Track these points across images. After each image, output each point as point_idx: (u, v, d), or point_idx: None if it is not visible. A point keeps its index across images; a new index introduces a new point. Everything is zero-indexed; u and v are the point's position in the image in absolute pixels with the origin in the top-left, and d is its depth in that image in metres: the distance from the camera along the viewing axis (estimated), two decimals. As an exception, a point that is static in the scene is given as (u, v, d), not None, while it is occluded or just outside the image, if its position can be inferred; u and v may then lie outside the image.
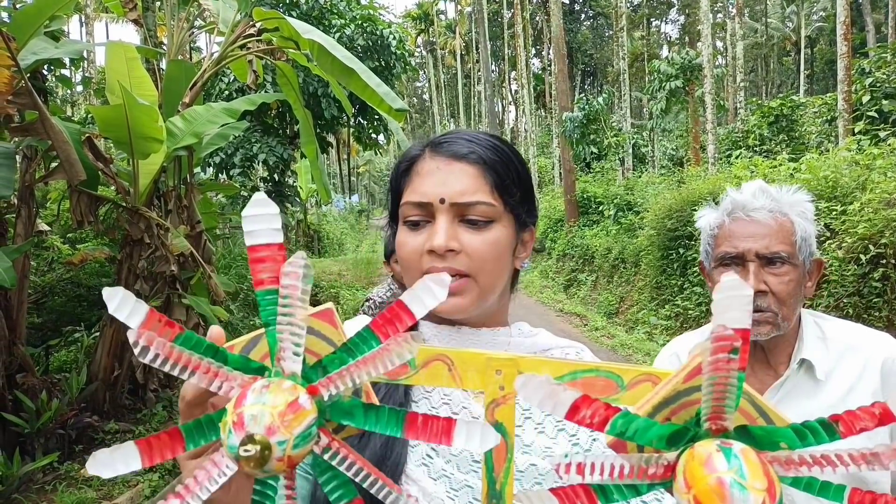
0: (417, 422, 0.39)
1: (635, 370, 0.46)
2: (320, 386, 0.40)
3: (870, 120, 9.11)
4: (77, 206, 4.31)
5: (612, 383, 0.46)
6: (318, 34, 4.55)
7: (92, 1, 20.03)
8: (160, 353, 0.39)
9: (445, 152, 0.77)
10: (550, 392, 0.37)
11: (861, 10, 26.75)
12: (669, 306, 8.38)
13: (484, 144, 0.78)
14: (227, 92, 10.04)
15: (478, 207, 0.74)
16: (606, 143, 15.85)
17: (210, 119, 4.86)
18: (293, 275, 0.38)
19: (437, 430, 0.38)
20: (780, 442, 0.38)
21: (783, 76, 39.85)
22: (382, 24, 10.84)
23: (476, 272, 0.74)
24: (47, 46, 4.21)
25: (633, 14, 37.16)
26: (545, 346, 0.83)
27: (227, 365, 0.41)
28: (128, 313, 0.38)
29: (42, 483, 3.80)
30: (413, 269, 0.76)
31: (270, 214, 0.39)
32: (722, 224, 1.24)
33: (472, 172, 0.76)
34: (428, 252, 0.73)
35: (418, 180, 0.77)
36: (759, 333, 1.15)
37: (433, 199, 0.74)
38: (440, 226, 0.73)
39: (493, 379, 0.46)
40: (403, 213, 0.77)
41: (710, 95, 11.83)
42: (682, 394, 0.41)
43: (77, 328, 5.45)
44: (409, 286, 0.76)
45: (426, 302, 0.38)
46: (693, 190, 8.70)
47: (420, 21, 43.61)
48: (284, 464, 0.37)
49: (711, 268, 1.25)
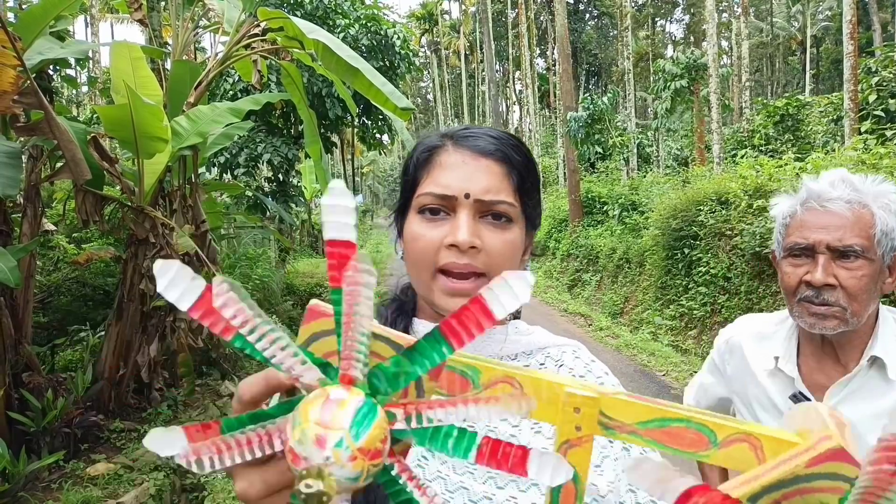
0: (488, 447, 0.36)
1: (731, 427, 0.40)
2: (399, 408, 0.37)
3: (876, 119, 9.06)
4: (82, 206, 4.32)
5: (704, 438, 0.40)
6: (322, 34, 4.55)
7: (97, 1, 20.10)
8: (213, 456, 0.37)
9: (471, 146, 0.75)
10: (663, 477, 0.33)
11: (867, 9, 26.62)
12: (674, 306, 8.35)
13: (508, 143, 0.77)
14: (231, 92, 10.06)
15: (501, 206, 0.73)
16: (611, 143, 15.81)
17: (215, 119, 4.87)
18: (353, 279, 0.36)
19: (510, 459, 0.35)
20: None
21: (789, 75, 39.70)
22: (387, 24, 10.85)
23: (492, 271, 0.72)
24: (53, 46, 4.22)
25: (638, 13, 37.09)
26: (542, 345, 0.81)
27: (273, 419, 0.39)
28: (180, 293, 0.35)
29: (48, 481, 3.81)
30: (425, 263, 0.73)
31: (344, 206, 0.36)
32: (795, 213, 1.19)
33: (498, 171, 0.74)
34: (447, 247, 0.71)
35: (441, 172, 0.75)
36: (824, 327, 1.11)
37: (458, 193, 0.72)
38: (463, 221, 0.71)
39: (570, 416, 0.41)
40: (421, 203, 0.74)
41: (716, 95, 11.79)
42: (800, 479, 0.36)
43: (83, 327, 5.47)
44: (415, 281, 0.76)
45: (506, 302, 0.33)
46: (698, 190, 8.68)
47: (424, 21, 43.63)
48: (347, 493, 0.35)
49: (781, 258, 1.22)
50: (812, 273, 1.12)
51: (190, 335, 4.91)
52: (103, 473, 3.89)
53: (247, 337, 0.36)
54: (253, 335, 0.36)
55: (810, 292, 1.13)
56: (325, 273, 3.97)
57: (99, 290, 6.15)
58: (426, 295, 0.75)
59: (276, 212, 10.08)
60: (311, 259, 17.21)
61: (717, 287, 7.61)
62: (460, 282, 0.71)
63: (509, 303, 0.33)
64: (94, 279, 6.20)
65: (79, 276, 6.11)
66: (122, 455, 4.20)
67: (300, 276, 12.73)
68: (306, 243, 19.37)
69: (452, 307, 0.70)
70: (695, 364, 6.74)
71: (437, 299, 0.72)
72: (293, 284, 11.31)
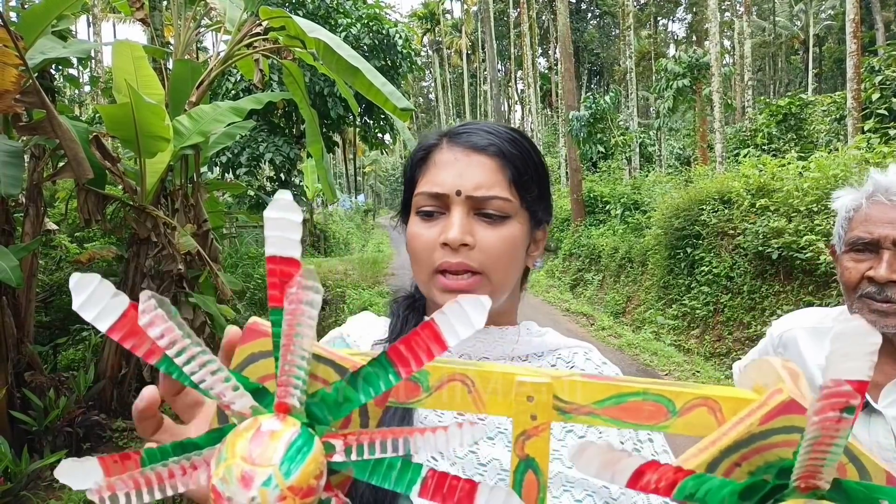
0: (433, 481, 0.33)
1: (689, 393, 0.39)
2: (339, 439, 0.34)
3: (879, 118, 9.04)
4: (84, 205, 4.33)
5: (662, 408, 0.39)
6: (323, 33, 4.55)
7: (99, 1, 20.13)
8: (130, 491, 0.33)
9: (464, 143, 0.75)
10: (609, 460, 0.31)
11: (870, 8, 26.55)
12: (677, 306, 8.34)
13: (503, 137, 0.75)
14: (233, 91, 10.07)
15: (494, 202, 0.72)
16: (613, 143, 15.79)
17: (216, 118, 4.86)
18: (295, 297, 0.33)
19: (456, 493, 0.33)
20: (879, 499, 0.33)
21: (791, 75, 39.62)
22: (388, 24, 10.84)
23: (489, 269, 0.71)
24: (55, 46, 4.22)
25: (640, 13, 37.04)
26: (553, 346, 0.81)
27: (200, 449, 0.35)
28: (98, 311, 0.32)
29: (50, 480, 3.81)
30: (424, 262, 0.73)
31: (289, 221, 0.33)
32: (859, 206, 1.14)
33: (490, 165, 0.73)
34: (441, 245, 0.71)
35: (434, 170, 0.75)
36: (886, 325, 1.08)
37: (449, 191, 0.72)
38: (455, 219, 0.71)
39: (524, 406, 0.39)
40: (417, 203, 0.75)
41: (718, 94, 11.77)
42: (756, 437, 0.35)
43: (85, 327, 5.47)
44: (417, 279, 0.76)
45: (459, 330, 0.31)
46: (700, 189, 8.67)
47: (426, 20, 43.61)
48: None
49: (842, 252, 1.17)
50: (876, 269, 1.09)
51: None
52: (105, 472, 3.90)
53: (174, 359, 0.33)
54: (181, 357, 0.33)
55: (872, 288, 1.09)
56: (327, 272, 3.97)
57: (101, 290, 6.16)
58: (427, 293, 0.75)
59: (278, 211, 10.08)
60: (314, 259, 17.21)
61: (719, 286, 7.60)
62: (456, 279, 0.71)
63: (463, 330, 0.31)
64: (97, 278, 6.21)
65: (81, 276, 6.13)
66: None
67: (302, 275, 12.70)
68: (308, 243, 19.39)
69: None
70: (697, 364, 6.73)
71: (438, 298, 0.72)
72: (295, 284, 11.28)
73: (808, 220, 6.31)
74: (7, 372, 3.85)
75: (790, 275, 6.43)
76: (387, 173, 50.35)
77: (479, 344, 0.76)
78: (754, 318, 6.80)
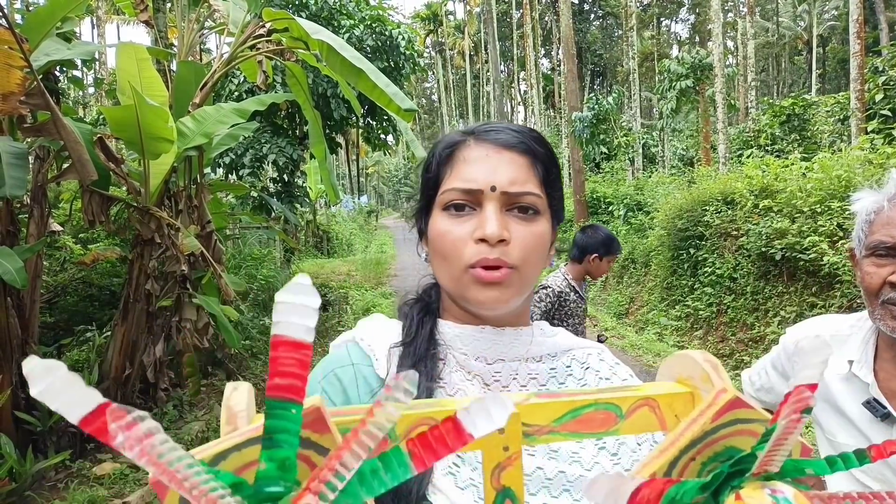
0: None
1: (632, 396, 0.43)
2: (306, 494, 0.28)
3: (883, 118, 9.02)
4: (89, 206, 4.34)
5: (611, 415, 0.43)
6: (326, 34, 4.56)
7: (104, 3, 20.20)
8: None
9: (493, 140, 0.75)
10: (615, 486, 0.33)
11: (874, 9, 26.48)
12: (680, 307, 8.33)
13: (530, 137, 0.76)
14: (237, 93, 10.08)
15: (528, 198, 0.72)
16: (616, 143, 15.78)
17: (220, 119, 4.88)
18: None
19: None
20: (805, 469, 0.36)
21: (795, 75, 39.54)
22: (391, 25, 10.85)
23: (522, 264, 0.71)
24: (59, 48, 4.24)
25: (643, 13, 37.00)
26: (566, 347, 0.81)
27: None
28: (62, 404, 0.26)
29: (54, 481, 3.83)
30: (455, 259, 0.71)
31: (306, 307, 0.29)
32: (881, 209, 1.09)
33: (523, 163, 0.74)
34: (476, 241, 0.70)
35: (465, 167, 0.74)
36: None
37: (484, 186, 0.71)
38: (491, 214, 0.70)
39: (496, 440, 0.39)
40: (446, 199, 0.73)
41: (721, 95, 11.76)
42: (708, 433, 0.40)
43: (89, 327, 5.49)
44: (444, 278, 0.75)
45: (481, 426, 0.28)
46: (703, 190, 8.65)
47: (429, 21, 43.66)
48: None
49: (862, 256, 1.12)
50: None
51: (195, 335, 4.92)
52: (109, 473, 3.90)
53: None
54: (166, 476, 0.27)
55: (895, 294, 1.06)
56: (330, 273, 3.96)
57: (105, 291, 6.18)
58: (458, 291, 0.73)
59: (282, 212, 10.09)
60: (316, 259, 17.23)
61: (722, 287, 7.59)
62: (492, 272, 0.70)
63: (484, 427, 0.29)
64: (101, 279, 6.23)
65: (85, 277, 6.14)
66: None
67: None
68: (311, 244, 19.40)
69: (484, 298, 0.70)
70: (700, 365, 6.72)
71: (471, 294, 0.71)
72: (298, 285, 11.29)
73: (812, 220, 6.29)
74: (11, 373, 3.87)
75: (793, 276, 6.42)
76: (390, 174, 50.38)
77: (496, 346, 0.75)
78: (757, 319, 6.79)
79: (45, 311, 5.49)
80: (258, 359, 7.04)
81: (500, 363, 0.75)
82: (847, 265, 5.54)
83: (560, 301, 3.41)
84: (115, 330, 4.77)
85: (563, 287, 3.44)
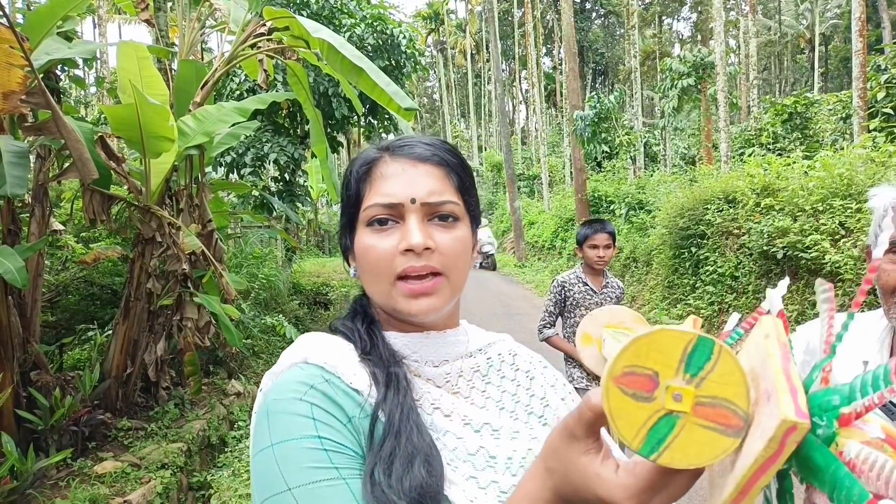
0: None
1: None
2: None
3: (885, 117, 8.99)
4: (90, 205, 4.34)
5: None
6: (327, 33, 4.55)
7: (105, 2, 20.21)
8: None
9: (408, 154, 0.78)
10: None
11: (876, 7, 26.42)
12: (681, 305, 8.32)
13: (442, 148, 0.81)
14: (238, 91, 10.07)
15: (447, 206, 0.76)
16: (618, 142, 15.75)
17: (221, 118, 4.87)
18: None
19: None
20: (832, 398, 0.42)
21: (797, 74, 39.45)
22: (392, 24, 10.82)
23: (449, 270, 0.75)
24: (60, 47, 4.24)
25: (645, 12, 36.94)
26: (488, 339, 0.87)
27: None
28: None
29: (56, 479, 3.83)
30: (383, 271, 0.75)
31: None
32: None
33: (438, 174, 0.78)
34: (402, 252, 0.73)
35: (383, 182, 0.77)
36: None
37: (404, 200, 0.75)
38: (414, 225, 0.74)
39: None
40: (369, 215, 0.76)
41: (723, 93, 11.73)
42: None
43: (90, 326, 5.49)
44: (374, 292, 0.78)
45: None
46: (705, 188, 8.64)
47: (430, 20, 43.61)
48: None
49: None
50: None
51: (197, 334, 4.92)
52: (111, 471, 3.90)
53: None
54: None
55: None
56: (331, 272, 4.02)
57: (106, 289, 6.18)
58: (388, 304, 0.76)
59: (283, 211, 10.09)
60: (318, 259, 17.23)
61: (724, 286, 7.58)
62: (420, 282, 0.74)
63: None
64: (102, 278, 6.23)
65: (86, 276, 6.14)
66: (130, 453, 4.22)
67: (306, 275, 12.75)
68: (312, 243, 19.40)
69: (416, 309, 0.74)
70: (702, 364, 6.71)
71: (401, 305, 0.75)
72: (299, 284, 11.33)
73: (814, 219, 6.28)
74: (13, 371, 3.87)
75: (795, 274, 6.40)
76: (391, 173, 50.26)
77: (441, 349, 0.80)
78: (759, 317, 6.78)
79: (46, 309, 5.49)
80: (259, 357, 7.04)
81: (446, 364, 0.80)
82: (848, 264, 5.52)
83: (565, 292, 3.53)
84: (117, 329, 4.77)
85: (570, 278, 3.56)
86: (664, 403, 0.45)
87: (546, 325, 3.55)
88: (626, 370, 0.46)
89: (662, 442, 0.45)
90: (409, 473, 0.64)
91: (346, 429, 0.67)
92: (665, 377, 0.46)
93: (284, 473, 0.63)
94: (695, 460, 0.45)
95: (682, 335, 0.45)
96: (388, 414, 0.69)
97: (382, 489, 0.62)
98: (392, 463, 0.64)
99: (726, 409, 0.44)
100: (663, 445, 0.45)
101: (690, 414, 0.45)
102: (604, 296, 3.53)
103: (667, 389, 0.45)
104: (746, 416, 0.44)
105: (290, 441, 0.64)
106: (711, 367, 0.44)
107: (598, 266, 3.49)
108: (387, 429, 0.68)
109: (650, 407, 0.46)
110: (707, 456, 0.44)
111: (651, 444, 0.46)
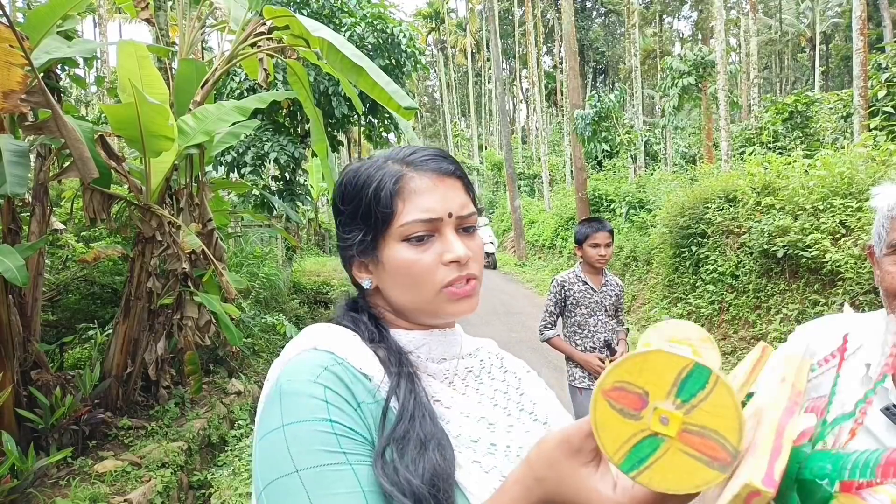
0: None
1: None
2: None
3: (886, 116, 8.98)
4: (90, 204, 4.34)
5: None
6: (327, 32, 4.54)
7: (105, 1, 20.19)
8: None
9: (434, 170, 0.82)
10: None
11: (878, 6, 26.40)
12: (682, 304, 8.32)
13: (455, 161, 0.86)
14: (238, 90, 10.06)
15: (472, 217, 0.83)
16: (618, 141, 15.74)
17: (221, 117, 4.87)
18: None
19: None
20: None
21: (798, 72, 39.42)
22: (393, 23, 10.80)
23: (479, 274, 0.83)
24: (60, 46, 4.23)
25: (645, 11, 36.90)
26: (477, 343, 0.93)
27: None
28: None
29: (56, 478, 3.83)
30: (428, 283, 0.79)
31: None
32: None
33: (460, 187, 0.84)
34: (446, 264, 0.79)
35: (418, 198, 0.80)
36: None
37: (442, 214, 0.79)
38: (453, 238, 0.80)
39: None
40: (407, 232, 0.79)
41: (724, 92, 11.72)
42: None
43: (91, 325, 5.49)
44: (412, 300, 0.81)
45: None
46: (706, 187, 8.63)
47: (431, 19, 43.56)
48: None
49: (883, 255, 1.06)
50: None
51: (197, 333, 4.92)
52: (111, 470, 3.91)
53: None
54: None
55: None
56: (332, 272, 4.04)
57: (107, 289, 6.18)
58: (430, 309, 0.81)
59: (283, 210, 10.09)
60: (318, 258, 17.24)
61: (724, 285, 7.57)
62: (464, 287, 0.80)
63: None
64: (102, 277, 6.23)
65: (87, 275, 6.14)
66: (130, 452, 4.22)
67: (307, 274, 12.76)
68: (313, 242, 19.40)
69: (461, 311, 0.80)
70: (702, 363, 6.70)
71: (448, 309, 0.80)
72: (300, 283, 11.33)
73: (814, 218, 6.27)
74: (13, 370, 3.87)
75: (796, 273, 6.40)
76: (391, 172, 50.24)
77: (442, 347, 0.84)
78: (759, 316, 6.77)
79: (46, 309, 5.49)
80: (259, 356, 7.04)
81: (445, 361, 0.84)
82: (849, 263, 5.52)
83: (565, 291, 3.54)
84: (117, 328, 4.77)
85: (569, 277, 3.57)
86: (650, 424, 0.46)
87: (547, 325, 3.55)
88: (617, 385, 0.46)
89: (644, 461, 0.46)
90: (424, 456, 0.67)
91: (357, 413, 0.69)
92: (655, 398, 0.46)
93: (293, 455, 0.64)
94: (674, 486, 0.45)
95: (678, 359, 0.45)
96: (401, 400, 0.72)
97: (395, 467, 0.65)
98: (406, 445, 0.67)
99: (714, 441, 0.44)
100: (644, 465, 0.46)
101: (675, 439, 0.45)
102: (603, 294, 3.53)
103: (654, 411, 0.45)
104: (736, 452, 0.43)
105: (303, 423, 0.66)
106: (705, 396, 0.44)
107: (599, 264, 3.49)
108: (400, 414, 0.71)
109: (636, 425, 0.46)
110: (687, 484, 0.44)
111: (632, 462, 0.46)
